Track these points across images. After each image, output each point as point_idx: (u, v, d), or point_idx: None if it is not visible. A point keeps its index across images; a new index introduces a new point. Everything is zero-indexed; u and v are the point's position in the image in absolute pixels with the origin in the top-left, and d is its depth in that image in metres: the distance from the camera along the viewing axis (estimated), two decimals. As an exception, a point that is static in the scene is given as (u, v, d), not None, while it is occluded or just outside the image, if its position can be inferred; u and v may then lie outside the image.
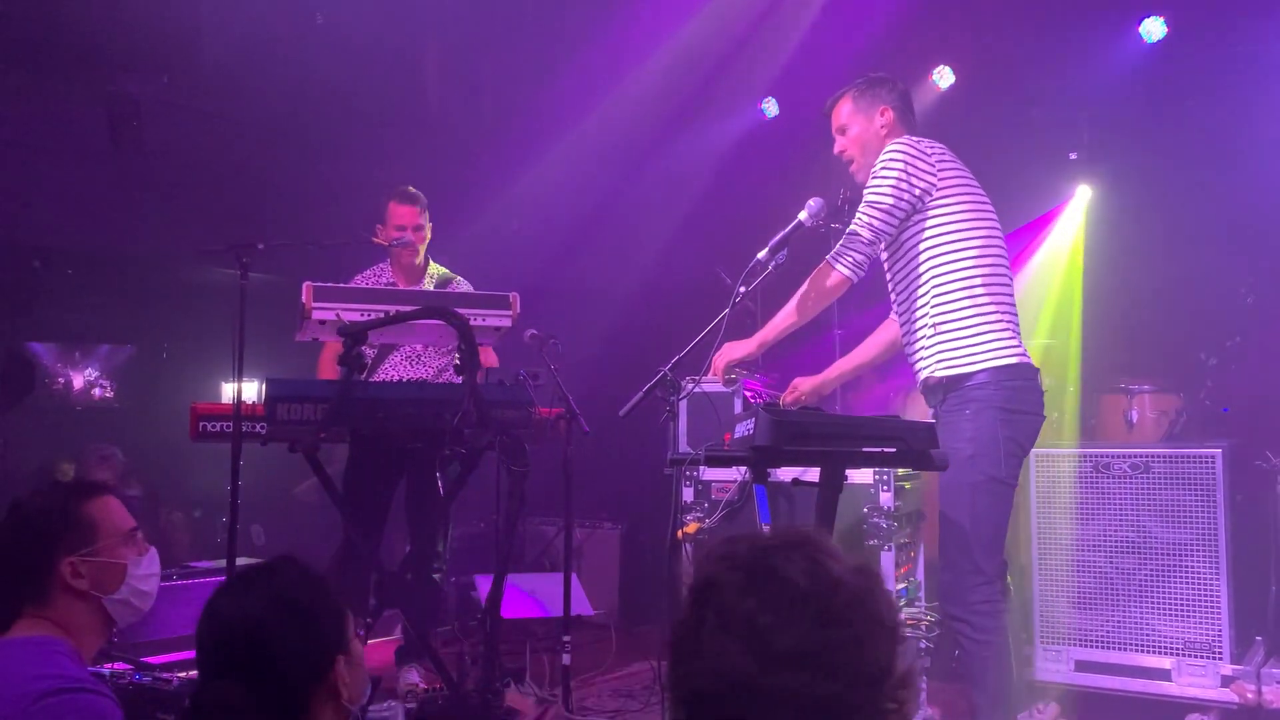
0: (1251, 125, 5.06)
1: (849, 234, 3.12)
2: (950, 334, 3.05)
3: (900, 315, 3.25)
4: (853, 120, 3.28)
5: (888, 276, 3.28)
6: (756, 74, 6.19)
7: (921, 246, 3.09)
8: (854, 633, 1.14)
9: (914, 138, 3.17)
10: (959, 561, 2.99)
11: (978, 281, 3.04)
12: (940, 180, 3.07)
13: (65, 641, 1.90)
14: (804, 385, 3.51)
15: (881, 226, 3.08)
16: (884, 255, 3.26)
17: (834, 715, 1.11)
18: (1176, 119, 5.36)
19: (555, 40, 6.47)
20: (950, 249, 3.07)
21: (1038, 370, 3.12)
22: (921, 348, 3.12)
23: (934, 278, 3.08)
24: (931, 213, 3.08)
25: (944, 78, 6.02)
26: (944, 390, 3.08)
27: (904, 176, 3.04)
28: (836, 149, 3.33)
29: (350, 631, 1.72)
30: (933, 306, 3.08)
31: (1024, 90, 5.70)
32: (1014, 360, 3.03)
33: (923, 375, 3.13)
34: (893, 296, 3.29)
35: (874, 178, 3.11)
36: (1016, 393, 3.02)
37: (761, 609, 1.13)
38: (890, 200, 3.05)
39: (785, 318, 3.20)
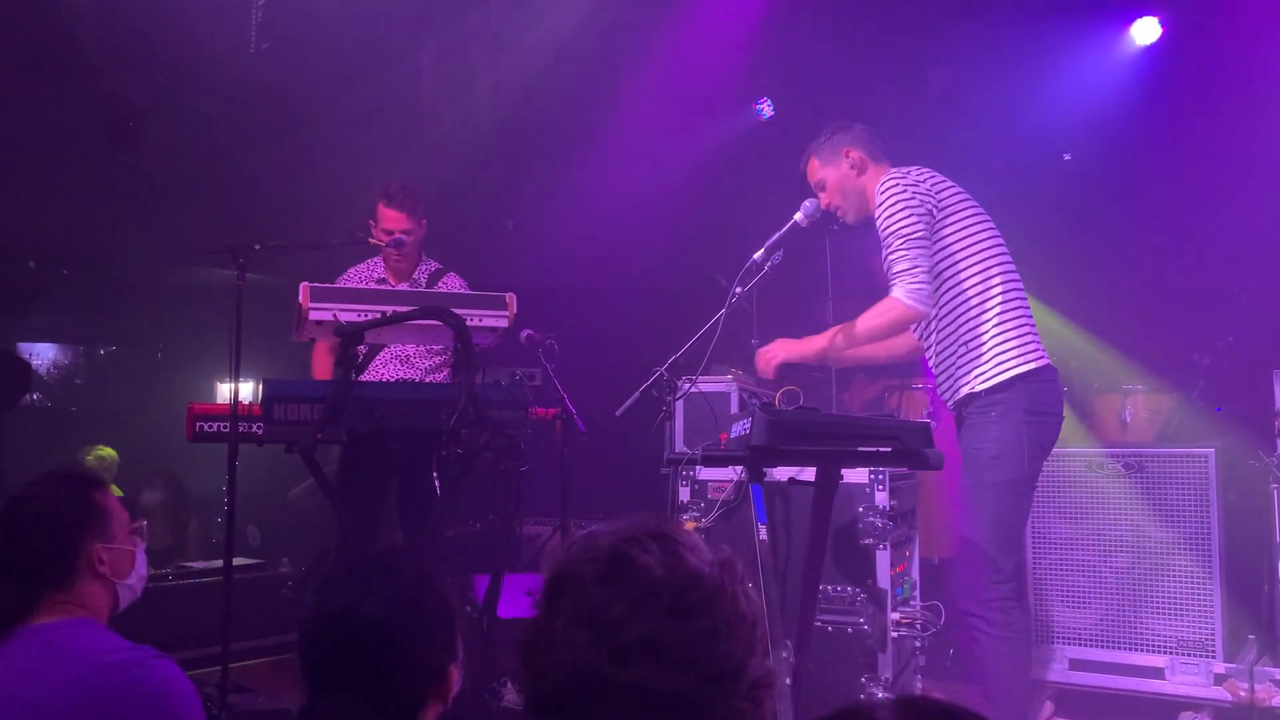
0: (1245, 125, 5.08)
1: (894, 274, 3.09)
2: (983, 348, 3.10)
3: (919, 337, 3.31)
4: (824, 172, 3.37)
5: None
6: (752, 75, 6.19)
7: (935, 270, 3.13)
8: (709, 626, 1.08)
9: (897, 169, 3.22)
10: (976, 559, 3.04)
11: (996, 291, 3.12)
12: (939, 201, 3.13)
13: (99, 623, 1.98)
14: (783, 351, 3.33)
15: (918, 250, 3.07)
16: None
17: (681, 711, 1.05)
18: (1170, 118, 5.37)
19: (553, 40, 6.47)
20: (963, 266, 3.13)
21: (1057, 371, 3.18)
22: (956, 366, 3.16)
23: (954, 297, 3.14)
24: (937, 234, 3.13)
25: (937, 77, 6.05)
26: (972, 398, 3.13)
27: (908, 200, 3.09)
28: (823, 204, 3.36)
29: (458, 634, 1.63)
30: (959, 324, 3.14)
31: (1018, 90, 5.71)
32: (1039, 364, 3.10)
33: (964, 393, 3.14)
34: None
35: (882, 218, 3.13)
36: (1040, 395, 3.09)
37: (614, 600, 1.07)
38: (910, 225, 3.07)
39: (847, 346, 3.20)
